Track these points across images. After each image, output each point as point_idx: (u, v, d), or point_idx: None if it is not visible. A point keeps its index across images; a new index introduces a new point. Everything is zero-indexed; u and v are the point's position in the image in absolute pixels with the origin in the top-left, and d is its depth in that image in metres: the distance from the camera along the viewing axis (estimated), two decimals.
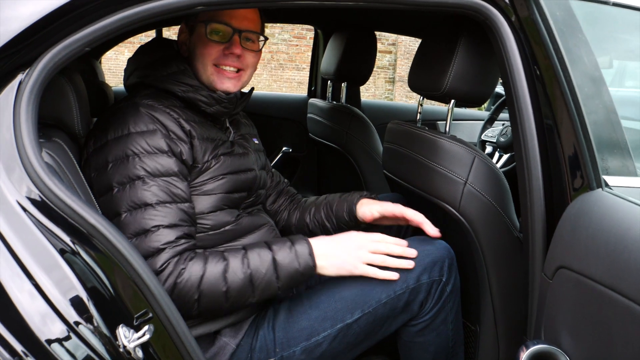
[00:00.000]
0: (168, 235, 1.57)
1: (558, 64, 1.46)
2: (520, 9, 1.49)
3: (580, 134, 1.44)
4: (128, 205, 1.57)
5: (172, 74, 1.76)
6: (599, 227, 1.26)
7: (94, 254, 1.26)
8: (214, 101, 1.77)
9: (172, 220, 1.60)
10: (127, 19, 1.33)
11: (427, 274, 1.78)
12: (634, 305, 1.10)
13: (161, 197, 1.60)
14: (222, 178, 1.76)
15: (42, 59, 1.26)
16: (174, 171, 1.64)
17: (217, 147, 1.78)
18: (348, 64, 2.96)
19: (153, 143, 1.62)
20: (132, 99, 1.70)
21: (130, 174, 1.59)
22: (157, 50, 1.85)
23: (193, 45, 1.80)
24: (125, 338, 1.20)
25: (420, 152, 1.93)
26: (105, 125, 1.66)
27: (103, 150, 1.63)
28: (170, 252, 1.56)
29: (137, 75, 1.81)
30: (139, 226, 1.56)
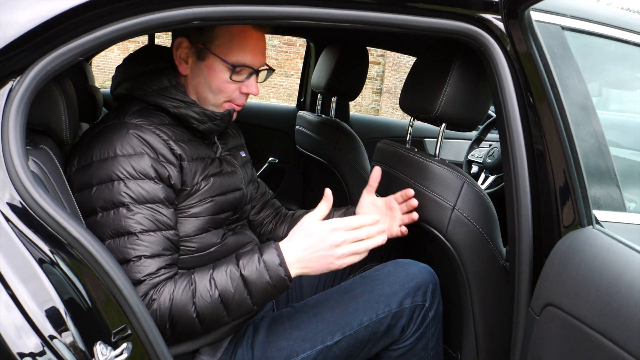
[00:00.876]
0: (149, 266, 1.53)
1: (552, 95, 1.46)
2: (518, 43, 1.49)
3: (572, 166, 1.43)
4: (111, 232, 1.53)
5: (163, 89, 1.69)
6: (590, 267, 1.25)
7: (74, 266, 1.24)
8: (206, 118, 1.72)
9: (155, 250, 1.55)
10: (123, 31, 1.31)
11: (410, 298, 1.77)
12: (625, 353, 1.09)
13: (145, 225, 1.55)
14: (211, 201, 1.72)
15: (35, 67, 1.25)
16: (160, 198, 1.59)
17: (207, 167, 1.74)
18: (339, 79, 2.95)
19: (139, 167, 1.56)
20: (120, 117, 1.63)
21: (115, 200, 1.54)
22: (148, 59, 1.77)
23: (201, 72, 1.72)
24: (102, 356, 1.18)
25: (409, 174, 1.92)
26: (92, 143, 1.60)
27: (87, 171, 1.57)
28: (149, 284, 1.52)
29: (126, 86, 1.73)
30: (120, 255, 1.52)
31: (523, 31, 1.44)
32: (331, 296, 1.83)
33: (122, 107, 1.68)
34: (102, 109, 2.59)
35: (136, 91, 1.70)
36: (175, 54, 1.73)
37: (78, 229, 1.26)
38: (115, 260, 1.35)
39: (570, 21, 1.67)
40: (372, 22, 1.51)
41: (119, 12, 1.31)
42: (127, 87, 1.72)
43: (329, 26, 1.51)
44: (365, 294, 1.79)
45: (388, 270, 1.86)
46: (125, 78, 1.75)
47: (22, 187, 1.21)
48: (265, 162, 3.79)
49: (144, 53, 1.81)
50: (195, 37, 1.70)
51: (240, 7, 1.40)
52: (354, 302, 1.77)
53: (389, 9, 1.51)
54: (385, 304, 1.76)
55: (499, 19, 1.54)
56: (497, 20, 1.55)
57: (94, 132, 1.64)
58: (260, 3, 1.41)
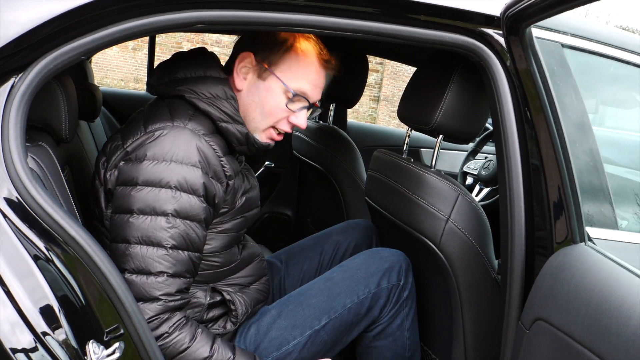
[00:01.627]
0: (170, 286, 1.52)
1: (550, 112, 1.47)
2: (519, 61, 1.50)
3: (566, 183, 1.44)
4: (140, 237, 1.50)
5: (216, 98, 1.65)
6: (581, 284, 1.26)
7: (69, 264, 1.25)
8: (244, 140, 1.70)
9: (179, 269, 1.54)
10: (126, 32, 1.32)
11: (386, 278, 1.86)
12: None
13: (177, 242, 1.52)
14: (241, 218, 1.74)
15: (37, 65, 1.25)
16: (200, 218, 1.56)
17: (242, 183, 1.75)
18: (338, 86, 2.95)
19: (191, 181, 1.52)
20: (179, 121, 1.58)
21: (157, 207, 1.50)
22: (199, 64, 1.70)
23: (258, 91, 1.71)
24: (94, 354, 1.18)
25: (405, 184, 1.93)
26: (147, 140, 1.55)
27: (136, 167, 1.52)
28: (164, 305, 1.51)
29: (176, 86, 1.66)
30: (144, 264, 1.49)
31: (524, 48, 1.45)
32: (314, 285, 1.90)
33: (176, 108, 1.63)
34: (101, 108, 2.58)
35: (188, 94, 1.64)
36: (237, 67, 1.71)
37: (75, 228, 1.27)
38: (111, 260, 1.35)
39: (570, 39, 1.68)
40: (374, 32, 1.52)
41: (123, 13, 1.31)
42: (180, 86, 1.66)
43: (332, 34, 1.52)
44: (346, 279, 1.87)
45: (364, 257, 1.94)
46: (179, 79, 1.68)
47: (21, 184, 1.21)
48: (261, 166, 3.78)
49: (197, 56, 1.75)
50: (261, 54, 1.69)
51: (243, 12, 1.40)
52: (336, 287, 1.85)
53: (391, 20, 1.52)
54: (364, 286, 1.84)
55: (500, 34, 1.55)
56: (498, 35, 1.56)
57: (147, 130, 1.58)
58: (263, 9, 1.42)
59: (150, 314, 1.49)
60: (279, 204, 3.83)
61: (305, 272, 2.19)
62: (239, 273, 1.83)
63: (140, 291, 1.49)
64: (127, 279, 1.48)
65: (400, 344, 1.94)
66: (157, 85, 1.71)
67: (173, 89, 1.67)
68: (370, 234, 2.25)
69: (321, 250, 2.21)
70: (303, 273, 2.19)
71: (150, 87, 1.74)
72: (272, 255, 2.30)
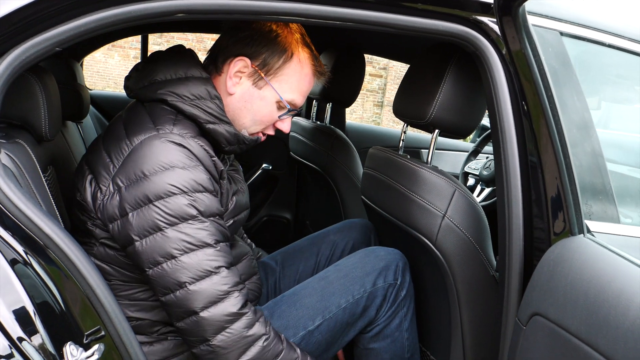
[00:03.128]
0: (233, 277, 1.51)
1: (547, 101, 1.43)
2: (512, 42, 1.45)
3: (564, 175, 1.41)
4: (184, 247, 1.46)
5: (200, 99, 1.61)
6: (578, 276, 1.22)
7: (46, 265, 1.22)
8: (235, 140, 1.67)
9: (229, 260, 1.54)
10: (102, 21, 1.27)
11: (382, 278, 1.83)
12: None
13: (218, 236, 1.52)
14: (233, 222, 1.73)
15: (8, 56, 1.22)
16: (220, 210, 1.57)
17: (231, 184, 1.74)
18: (334, 85, 2.91)
19: (199, 180, 1.50)
20: (162, 128, 1.54)
21: (182, 213, 1.47)
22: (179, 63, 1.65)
23: (251, 99, 1.68)
24: (72, 357, 1.15)
25: (400, 180, 1.89)
26: (136, 157, 1.49)
27: (139, 187, 1.47)
28: (240, 295, 1.51)
29: (156, 89, 1.61)
30: (201, 269, 1.46)
31: (517, 29, 1.40)
32: (308, 285, 1.87)
33: (157, 114, 1.58)
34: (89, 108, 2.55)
35: (170, 97, 1.59)
36: (230, 70, 1.66)
37: (51, 226, 1.23)
38: (90, 260, 1.32)
39: (570, 27, 1.64)
40: (366, 21, 1.48)
41: (98, 2, 1.27)
42: (160, 89, 1.61)
43: (320, 24, 1.47)
44: (340, 278, 1.84)
45: (359, 256, 1.91)
46: (160, 81, 1.63)
47: None
48: (259, 169, 3.75)
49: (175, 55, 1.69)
50: (259, 62, 1.66)
51: (227, 0, 1.36)
52: (330, 286, 1.82)
53: (383, 8, 1.48)
54: (360, 285, 1.81)
55: (494, 21, 1.51)
56: (493, 23, 1.52)
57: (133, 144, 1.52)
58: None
59: (236, 307, 1.48)
60: (277, 207, 3.80)
61: (301, 274, 2.16)
62: None
63: (212, 293, 1.47)
64: (193, 290, 1.46)
65: (399, 345, 1.91)
66: (136, 90, 1.66)
67: (154, 93, 1.61)
68: (368, 234, 2.22)
69: (317, 251, 2.18)
70: (299, 274, 2.16)
71: (129, 91, 1.69)
72: (268, 256, 2.27)
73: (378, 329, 1.87)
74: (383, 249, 1.92)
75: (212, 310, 1.46)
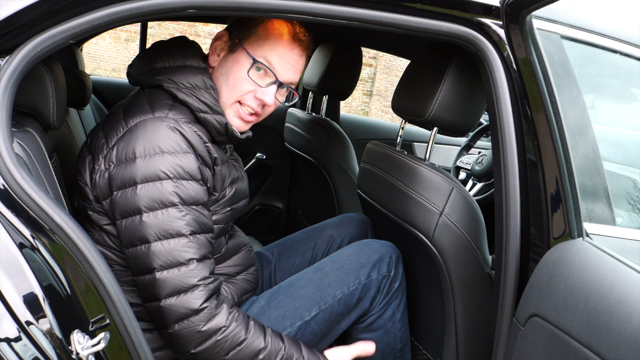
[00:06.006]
0: (202, 270, 1.52)
1: (550, 107, 1.45)
2: (518, 49, 1.47)
3: (565, 177, 1.42)
4: (158, 233, 1.48)
5: (195, 88, 1.63)
6: (579, 280, 1.24)
7: (55, 252, 1.23)
8: (225, 132, 1.67)
9: (203, 253, 1.54)
10: (116, 15, 1.29)
11: (376, 270, 1.86)
12: None
13: (194, 227, 1.52)
14: (230, 210, 1.73)
15: (24, 48, 1.23)
16: (204, 200, 1.57)
17: (230, 172, 1.74)
18: (331, 78, 2.93)
19: (188, 167, 1.52)
20: (158, 111, 1.56)
21: (164, 199, 1.49)
22: (178, 53, 1.67)
23: (226, 64, 1.69)
24: (79, 344, 1.16)
25: (398, 177, 1.90)
26: (131, 138, 1.52)
27: (130, 168, 1.49)
28: (205, 289, 1.51)
29: (155, 76, 1.64)
30: (171, 258, 1.48)
31: (524, 37, 1.42)
32: (304, 276, 1.89)
33: (155, 99, 1.61)
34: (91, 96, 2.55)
35: (167, 83, 1.62)
36: (212, 45, 1.70)
37: (61, 215, 1.24)
38: (96, 247, 1.33)
39: (570, 30, 1.66)
40: (370, 20, 1.49)
41: None
42: (158, 76, 1.64)
43: (325, 22, 1.49)
44: (336, 270, 1.86)
45: (354, 249, 1.93)
46: (158, 69, 1.66)
47: (6, 169, 1.20)
48: (253, 158, 3.76)
49: (177, 45, 1.72)
50: (235, 32, 1.69)
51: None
52: (326, 278, 1.84)
53: (387, 8, 1.49)
54: (354, 277, 1.84)
55: (498, 24, 1.53)
56: (496, 25, 1.53)
57: (128, 125, 1.55)
58: None
59: (198, 302, 1.49)
60: (270, 196, 3.81)
61: (297, 267, 2.17)
62: (225, 263, 1.82)
63: (177, 284, 1.48)
64: (159, 278, 1.48)
65: (391, 335, 1.93)
66: (136, 76, 1.69)
67: (152, 79, 1.64)
68: (365, 229, 2.23)
69: (314, 244, 2.19)
70: (295, 267, 2.17)
71: (130, 78, 1.72)
72: (264, 247, 2.28)
73: (371, 319, 1.90)
74: (377, 242, 1.94)
75: (173, 300, 1.48)
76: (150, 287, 1.50)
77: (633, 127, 2.44)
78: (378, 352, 1.91)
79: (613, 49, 1.76)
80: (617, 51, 1.77)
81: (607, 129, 3.26)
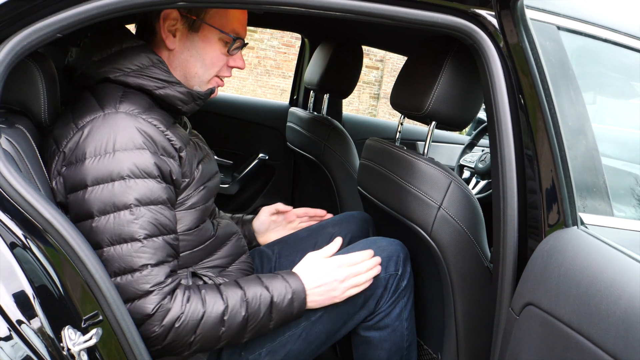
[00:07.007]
0: (157, 275, 1.45)
1: (543, 95, 1.44)
2: (510, 35, 1.46)
3: (560, 168, 1.42)
4: (111, 238, 1.43)
5: (144, 68, 1.57)
6: (571, 266, 1.23)
7: (45, 250, 1.21)
8: (190, 99, 1.64)
9: (160, 257, 1.47)
10: (103, 8, 1.28)
11: (384, 269, 1.83)
12: (601, 352, 1.07)
13: (149, 230, 1.45)
14: (204, 188, 1.68)
15: (9, 42, 1.22)
16: (163, 199, 1.50)
17: (195, 151, 1.70)
18: (332, 76, 2.93)
19: (142, 165, 1.45)
20: (109, 107, 1.50)
21: (116, 202, 1.42)
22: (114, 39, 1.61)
23: (193, 45, 1.64)
24: (70, 340, 1.15)
25: (396, 171, 1.90)
26: (82, 138, 1.46)
27: (80, 170, 1.44)
28: (159, 294, 1.45)
29: (97, 68, 1.58)
30: (124, 264, 1.42)
31: (515, 23, 1.41)
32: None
33: (103, 94, 1.54)
34: None
35: (113, 73, 1.56)
36: (163, 27, 1.61)
37: (50, 210, 1.23)
38: (88, 244, 1.32)
39: (567, 21, 1.64)
40: (364, 12, 1.48)
41: None
42: (100, 69, 1.57)
43: (319, 14, 1.48)
44: None
45: (361, 247, 1.89)
46: (99, 59, 1.59)
47: None
48: (255, 159, 3.76)
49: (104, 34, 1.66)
50: (185, 8, 1.60)
51: None
52: None
53: (382, 0, 1.48)
54: None
55: (493, 15, 1.52)
56: (491, 16, 1.52)
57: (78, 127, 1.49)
58: None
59: (151, 307, 1.43)
60: (273, 197, 3.80)
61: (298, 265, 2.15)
62: (216, 254, 1.79)
63: (131, 290, 1.43)
64: (114, 283, 1.42)
65: (398, 334, 1.91)
66: (76, 77, 1.63)
67: (96, 73, 1.58)
68: (366, 227, 2.22)
69: (315, 242, 2.16)
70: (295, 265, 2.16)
71: (70, 80, 1.66)
72: (265, 245, 2.26)
73: (378, 318, 1.88)
74: (385, 240, 1.92)
75: (128, 307, 1.42)
76: None
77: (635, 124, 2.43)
78: (384, 352, 1.90)
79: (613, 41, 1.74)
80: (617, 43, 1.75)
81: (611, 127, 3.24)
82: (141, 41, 1.63)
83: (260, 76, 13.82)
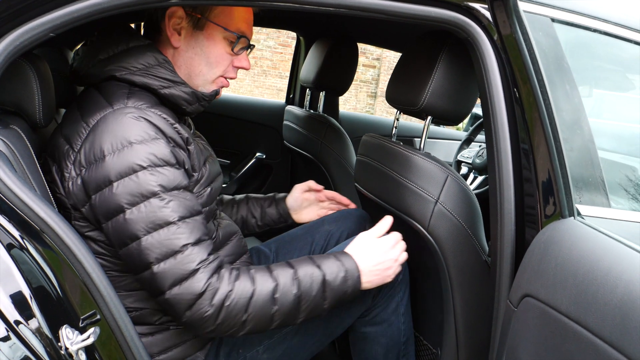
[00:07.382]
0: (199, 253, 1.46)
1: (538, 87, 1.44)
2: (503, 27, 1.46)
3: (555, 161, 1.42)
4: (147, 226, 1.43)
5: (149, 67, 1.58)
6: (568, 256, 1.23)
7: (42, 250, 1.22)
8: (195, 99, 1.65)
9: (197, 235, 1.48)
10: (98, 7, 1.27)
11: None
12: (598, 340, 1.07)
13: (180, 212, 1.46)
14: (210, 189, 1.69)
15: (1, 42, 1.21)
16: (184, 184, 1.51)
17: (201, 150, 1.70)
18: (328, 73, 2.93)
19: (160, 154, 1.46)
20: (117, 103, 1.50)
21: (143, 191, 1.43)
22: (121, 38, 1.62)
23: (198, 43, 1.65)
24: (68, 340, 1.15)
25: (393, 167, 1.89)
26: (95, 137, 1.46)
27: (101, 168, 1.44)
28: (205, 271, 1.46)
29: (103, 67, 1.58)
30: (165, 248, 1.43)
31: (508, 14, 1.41)
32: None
33: (110, 92, 1.55)
34: None
35: (119, 71, 1.57)
36: (169, 25, 1.62)
37: (46, 210, 1.23)
38: (85, 244, 1.32)
39: (561, 13, 1.64)
40: (357, 7, 1.48)
41: None
42: (106, 67, 1.58)
43: (314, 10, 1.48)
44: None
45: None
46: (106, 58, 1.60)
47: None
48: (253, 158, 3.76)
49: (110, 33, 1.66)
50: (194, 7, 1.61)
51: None
52: None
53: None
54: None
55: (486, 7, 1.52)
56: (485, 9, 1.52)
57: (90, 125, 1.50)
58: None
59: (200, 285, 1.44)
60: None
61: None
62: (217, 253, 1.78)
63: (177, 273, 1.44)
64: (157, 271, 1.43)
65: (395, 328, 1.92)
66: (82, 74, 1.64)
67: (102, 71, 1.59)
68: (363, 224, 2.21)
69: (312, 240, 2.16)
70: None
71: (76, 78, 1.67)
72: (262, 243, 2.26)
73: (374, 312, 1.88)
74: None
75: (177, 290, 1.43)
76: (153, 282, 1.45)
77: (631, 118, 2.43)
78: (381, 347, 1.90)
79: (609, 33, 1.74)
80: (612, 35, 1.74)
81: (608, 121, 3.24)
82: (147, 40, 1.63)
83: (257, 76, 13.83)
